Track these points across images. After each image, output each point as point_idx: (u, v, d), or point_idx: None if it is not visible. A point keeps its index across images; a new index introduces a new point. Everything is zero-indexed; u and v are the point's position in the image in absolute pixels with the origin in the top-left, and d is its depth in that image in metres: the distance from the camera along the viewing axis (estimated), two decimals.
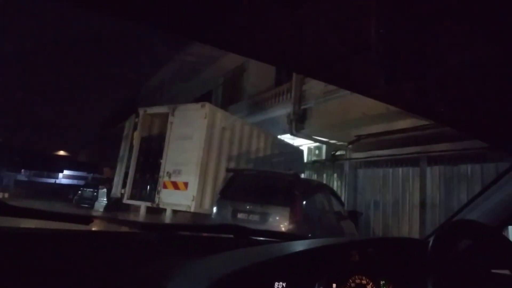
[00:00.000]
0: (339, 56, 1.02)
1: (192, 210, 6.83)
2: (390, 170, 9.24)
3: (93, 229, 1.10)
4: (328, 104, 9.15)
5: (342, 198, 8.44)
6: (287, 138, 10.77)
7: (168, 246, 1.07)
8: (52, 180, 30.81)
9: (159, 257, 0.98)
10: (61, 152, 32.06)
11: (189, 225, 1.25)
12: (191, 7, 0.92)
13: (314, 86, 9.58)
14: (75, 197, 16.07)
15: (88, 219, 1.04)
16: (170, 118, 7.59)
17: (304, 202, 5.66)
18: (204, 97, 13.44)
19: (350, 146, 10.31)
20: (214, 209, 5.90)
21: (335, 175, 11.13)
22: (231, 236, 1.21)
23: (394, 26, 0.83)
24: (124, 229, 1.22)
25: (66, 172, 30.88)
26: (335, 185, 10.69)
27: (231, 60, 14.05)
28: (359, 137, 9.66)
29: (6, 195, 17.95)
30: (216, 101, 14.13)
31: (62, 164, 30.13)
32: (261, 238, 1.29)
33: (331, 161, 11.07)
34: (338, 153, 11.02)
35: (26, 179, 29.64)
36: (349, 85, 1.22)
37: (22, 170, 29.61)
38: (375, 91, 1.11)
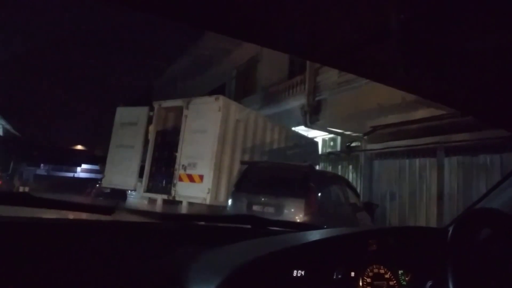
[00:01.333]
0: (356, 44, 1.01)
1: (207, 202, 6.88)
2: (407, 161, 9.11)
3: (115, 219, 1.13)
4: (342, 95, 9.06)
5: (358, 190, 8.39)
6: (301, 130, 10.73)
7: (187, 236, 1.09)
8: (71, 174, 31.47)
9: (179, 246, 1.00)
10: (79, 147, 32.66)
11: (208, 216, 1.27)
12: None
13: (328, 77, 9.49)
14: (93, 190, 16.39)
15: (110, 209, 1.07)
16: (185, 112, 7.63)
17: (319, 194, 5.65)
18: (217, 90, 13.45)
19: (365, 137, 10.21)
20: (229, 202, 5.94)
21: (350, 166, 11.05)
22: (248, 226, 1.22)
23: (414, 12, 0.81)
24: (145, 219, 1.24)
25: (83, 166, 31.47)
26: (350, 176, 10.62)
27: (244, 52, 14.00)
28: (374, 128, 9.55)
29: (27, 189, 18.39)
30: (230, 94, 14.14)
31: (79, 159, 30.70)
32: (278, 228, 1.29)
33: (346, 153, 10.99)
34: (353, 144, 10.93)
35: (45, 173, 30.35)
36: (367, 73, 1.20)
37: (41, 165, 30.31)
38: (394, 78, 1.10)
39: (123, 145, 8.78)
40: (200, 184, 7.09)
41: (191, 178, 7.30)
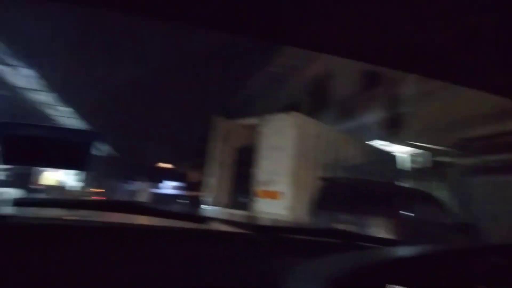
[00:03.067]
0: (449, 49, 0.96)
1: (287, 219, 6.86)
2: (506, 177, 8.15)
3: (210, 228, 1.19)
4: (427, 107, 8.50)
5: (449, 209, 7.69)
6: (381, 144, 10.26)
7: (280, 247, 1.10)
8: (161, 191, 33.71)
9: (273, 258, 1.01)
10: (164, 164, 35.03)
11: (298, 228, 1.28)
12: (277, 8, 0.94)
13: (409, 88, 9.00)
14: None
15: (203, 219, 1.13)
16: (261, 129, 7.80)
17: (405, 212, 5.31)
18: (292, 106, 13.52)
19: (454, 151, 9.40)
20: (309, 219, 5.86)
21: (438, 183, 10.21)
22: (339, 240, 1.20)
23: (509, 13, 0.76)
24: (237, 229, 1.28)
25: (169, 182, 33.56)
26: (439, 194, 9.80)
27: (318, 68, 13.95)
28: (465, 141, 8.76)
29: None
30: (305, 110, 14.11)
31: (165, 175, 32.85)
32: (368, 244, 1.25)
33: (434, 168, 10.20)
34: (440, 159, 10.12)
35: (135, 189, 32.92)
36: (460, 80, 1.13)
37: (134, 182, 33.00)
38: (493, 83, 1.02)
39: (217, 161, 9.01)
40: (279, 201, 7.11)
41: (269, 195, 7.36)
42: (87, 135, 1.01)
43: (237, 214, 7.95)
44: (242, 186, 8.22)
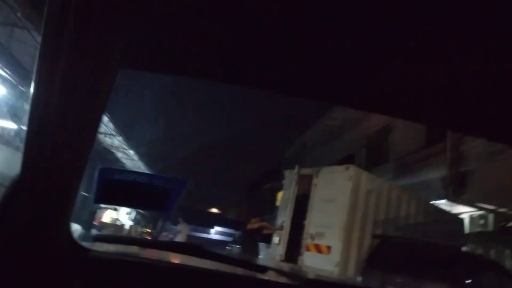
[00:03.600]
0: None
1: (335, 276, 6.53)
2: None
3: (269, 278, 1.22)
4: (494, 166, 7.93)
5: None
6: (442, 204, 9.61)
7: None
8: (206, 235, 33.96)
9: None
10: (214, 210, 35.46)
11: (351, 285, 1.25)
12: (341, 72, 1.00)
13: (476, 146, 8.51)
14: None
15: (265, 269, 1.17)
16: (314, 180, 7.70)
17: (469, 282, 4.82)
18: (347, 160, 13.30)
19: None
20: (360, 278, 5.53)
21: (508, 251, 9.22)
22: None
23: None
24: (293, 282, 1.30)
25: (217, 228, 33.73)
26: (508, 264, 8.81)
27: (375, 122, 13.76)
28: None
29: None
30: (360, 164, 13.79)
31: (214, 221, 33.14)
32: None
33: (502, 234, 9.26)
34: (510, 224, 9.20)
35: (185, 233, 33.44)
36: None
37: (183, 225, 33.62)
38: None
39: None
40: (327, 256, 6.83)
41: (318, 249, 7.10)
42: (173, 182, 1.14)
43: (289, 266, 7.69)
44: (293, 237, 8.01)
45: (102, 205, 13.63)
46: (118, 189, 1.09)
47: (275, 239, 8.17)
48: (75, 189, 0.91)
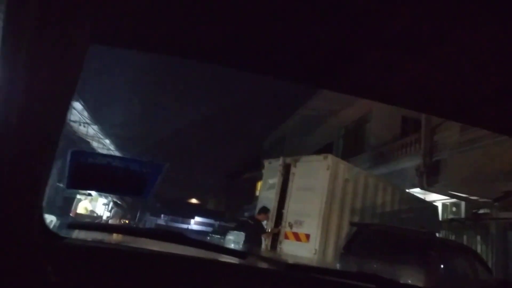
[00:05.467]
0: (489, 97, 0.95)
1: (313, 263, 6.62)
2: None
3: (248, 264, 1.22)
4: (466, 155, 8.19)
5: (489, 265, 7.16)
6: (416, 192, 9.88)
7: (309, 287, 1.10)
8: (185, 226, 33.87)
9: None
10: (194, 200, 35.36)
11: (333, 270, 1.25)
12: (320, 55, 0.98)
13: (448, 136, 8.75)
14: None
15: (245, 254, 1.16)
16: (292, 169, 7.73)
17: (442, 266, 4.98)
18: (324, 149, 13.46)
19: (496, 203, 8.88)
20: (338, 265, 5.63)
21: (478, 237, 9.60)
22: (373, 286, 1.15)
23: None
24: (274, 267, 1.30)
25: (197, 218, 33.70)
26: (479, 248, 9.18)
27: (353, 112, 13.95)
28: (508, 193, 8.28)
29: None
30: (337, 153, 14.00)
31: (194, 211, 33.09)
32: None
33: (473, 220, 9.63)
34: (481, 211, 9.57)
35: (164, 223, 33.24)
36: (502, 129, 1.10)
37: (162, 215, 33.41)
38: None
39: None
40: (306, 244, 6.91)
41: (297, 237, 7.17)
42: (149, 166, 1.10)
43: (269, 252, 7.75)
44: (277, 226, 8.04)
45: (80, 196, 13.34)
46: (91, 173, 1.05)
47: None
48: (45, 177, 0.88)
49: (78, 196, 13.33)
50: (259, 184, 8.77)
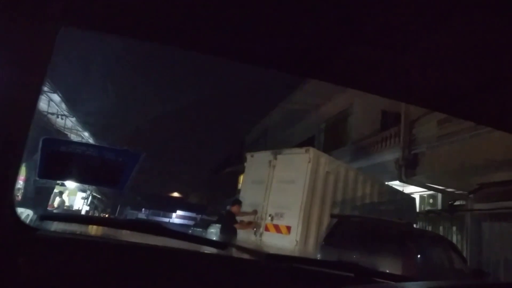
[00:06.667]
0: (473, 89, 0.96)
1: (294, 254, 6.69)
2: None
3: (228, 254, 1.21)
4: (443, 149, 8.39)
5: (464, 255, 7.40)
6: (396, 185, 10.08)
7: (293, 277, 1.10)
8: (167, 219, 33.66)
9: (283, 286, 1.01)
10: (175, 194, 35.11)
11: (312, 260, 1.26)
12: (311, 45, 0.98)
13: (427, 129, 8.94)
14: None
15: (224, 245, 1.15)
16: (273, 162, 7.77)
17: (419, 256, 5.12)
18: (306, 143, 13.55)
19: (471, 195, 9.15)
20: (318, 256, 5.70)
21: (454, 228, 9.89)
22: (352, 274, 1.17)
23: None
24: (253, 257, 1.31)
25: (178, 212, 33.51)
26: (454, 239, 9.47)
27: (334, 106, 14.08)
28: (482, 186, 8.54)
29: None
30: (319, 146, 14.12)
31: (175, 205, 32.88)
32: (383, 280, 1.21)
33: (449, 212, 9.91)
34: (456, 203, 9.85)
35: (145, 217, 32.93)
36: (484, 120, 1.13)
37: (143, 209, 33.07)
38: None
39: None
40: (287, 236, 6.96)
41: (278, 229, 7.22)
42: (126, 155, 1.05)
43: (251, 244, 7.78)
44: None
45: (57, 190, 13.05)
46: (65, 162, 1.01)
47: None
48: (16, 169, 0.85)
49: (56, 190, 13.05)
50: (242, 178, 8.76)
